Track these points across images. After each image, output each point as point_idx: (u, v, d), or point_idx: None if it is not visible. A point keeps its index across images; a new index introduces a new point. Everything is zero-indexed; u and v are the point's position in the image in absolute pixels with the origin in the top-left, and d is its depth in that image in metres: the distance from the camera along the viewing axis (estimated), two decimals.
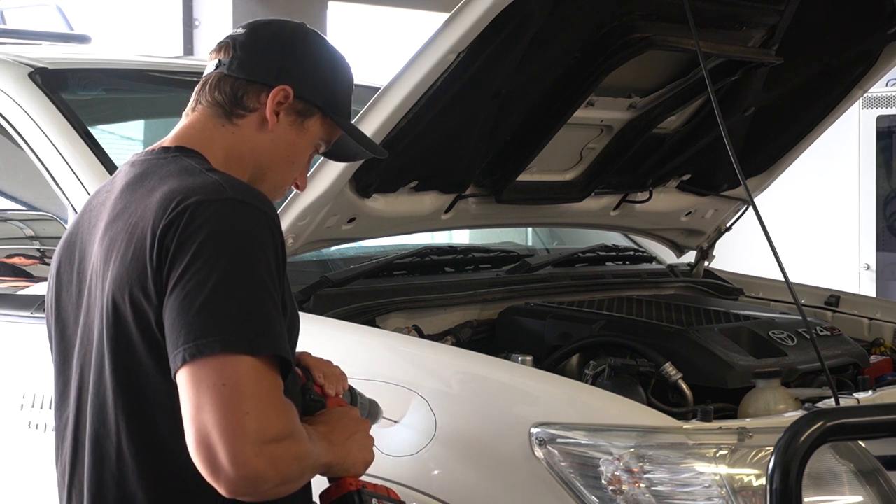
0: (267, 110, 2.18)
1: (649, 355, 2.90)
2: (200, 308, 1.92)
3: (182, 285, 1.94)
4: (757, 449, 2.37)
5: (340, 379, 2.29)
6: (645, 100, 3.44)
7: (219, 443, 1.86)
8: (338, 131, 2.28)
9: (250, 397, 1.89)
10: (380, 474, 2.48)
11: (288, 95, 2.18)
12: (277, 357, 1.94)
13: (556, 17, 2.90)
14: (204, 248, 1.95)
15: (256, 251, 1.97)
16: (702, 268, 4.11)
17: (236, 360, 1.90)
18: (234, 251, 1.95)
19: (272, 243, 2.00)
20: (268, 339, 1.93)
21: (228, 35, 2.26)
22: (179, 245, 1.96)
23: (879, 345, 3.54)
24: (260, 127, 2.19)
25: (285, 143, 2.21)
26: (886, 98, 7.66)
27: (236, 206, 1.99)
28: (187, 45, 7.91)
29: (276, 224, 2.03)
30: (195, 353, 1.90)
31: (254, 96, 2.18)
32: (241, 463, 1.85)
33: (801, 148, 3.87)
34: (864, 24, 3.49)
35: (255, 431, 1.87)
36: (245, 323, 1.92)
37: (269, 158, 2.21)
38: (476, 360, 2.67)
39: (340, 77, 2.28)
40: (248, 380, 1.90)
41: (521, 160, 3.33)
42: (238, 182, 2.07)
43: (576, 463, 2.37)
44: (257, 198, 2.03)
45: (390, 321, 3.10)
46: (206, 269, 1.93)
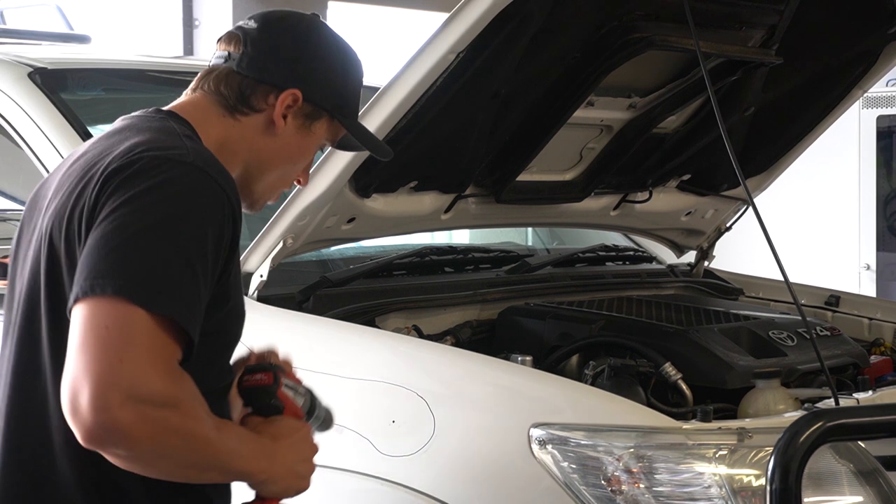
0: (275, 114, 2.13)
1: (649, 355, 2.90)
2: (111, 250, 1.83)
3: (104, 225, 1.86)
4: (757, 449, 2.37)
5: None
6: (645, 100, 3.44)
7: (84, 383, 1.75)
8: (343, 130, 2.24)
9: (131, 346, 1.78)
10: (379, 474, 2.48)
11: (297, 99, 2.13)
12: (176, 324, 1.82)
13: (556, 17, 2.90)
14: (140, 196, 1.87)
15: (195, 220, 1.88)
16: (702, 268, 4.11)
17: (127, 307, 1.79)
18: (170, 210, 1.87)
19: (219, 221, 1.91)
20: (169, 300, 1.82)
21: (239, 26, 2.19)
22: (118, 187, 1.88)
23: (879, 345, 3.54)
24: (265, 129, 2.14)
25: (290, 145, 2.16)
26: (886, 98, 7.66)
27: (194, 171, 1.92)
28: (187, 45, 7.91)
29: (231, 204, 1.94)
30: (87, 290, 1.80)
31: (262, 97, 2.13)
32: (101, 408, 1.74)
33: (801, 148, 3.87)
34: (864, 24, 3.49)
35: (125, 381, 1.75)
36: (150, 277, 1.82)
37: (271, 159, 2.16)
38: (476, 360, 2.67)
39: (351, 78, 2.24)
40: (133, 330, 1.79)
41: (521, 160, 3.33)
42: (209, 156, 1.99)
43: (575, 463, 2.37)
44: (221, 174, 1.96)
45: (390, 321, 3.10)
46: (133, 216, 1.85)
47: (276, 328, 2.86)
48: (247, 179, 2.15)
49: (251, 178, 2.15)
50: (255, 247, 2.91)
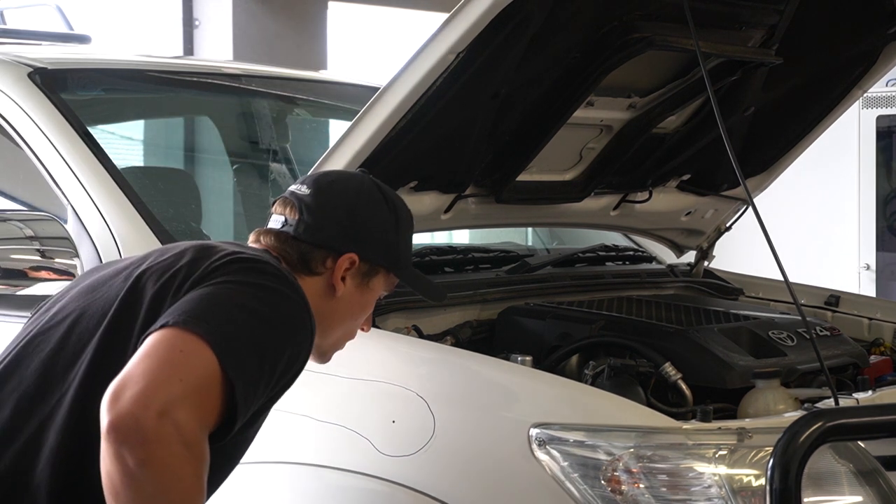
0: (334, 278, 2.24)
1: (649, 355, 2.90)
2: (215, 305, 1.94)
3: (215, 287, 1.97)
4: (756, 449, 2.37)
5: None
6: (645, 100, 3.44)
7: (139, 381, 1.82)
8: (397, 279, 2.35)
9: (191, 378, 1.86)
10: (379, 474, 2.48)
11: (354, 262, 2.24)
12: (231, 395, 1.89)
13: (556, 17, 2.90)
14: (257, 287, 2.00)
15: (285, 338, 1.99)
16: (702, 268, 4.11)
17: (206, 350, 1.88)
18: (272, 314, 1.98)
19: (296, 355, 2.02)
20: (240, 369, 1.91)
21: (292, 192, 2.30)
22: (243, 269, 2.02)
23: (879, 345, 3.54)
24: (325, 291, 2.24)
25: (351, 304, 2.27)
26: (886, 98, 7.66)
27: (302, 304, 2.05)
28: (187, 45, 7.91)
29: (308, 353, 2.07)
30: (178, 322, 1.89)
31: (320, 261, 2.24)
32: (143, 405, 1.80)
33: (801, 148, 3.87)
34: (864, 24, 3.49)
35: (173, 398, 1.82)
36: (237, 343, 1.92)
37: (334, 320, 2.27)
38: (476, 360, 2.67)
39: (403, 231, 2.34)
40: (200, 368, 1.87)
41: (521, 160, 3.33)
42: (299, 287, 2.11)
43: (575, 463, 2.37)
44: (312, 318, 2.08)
45: (390, 321, 3.09)
46: (245, 295, 1.97)
47: None
48: (316, 340, 2.21)
49: (320, 339, 2.22)
50: None
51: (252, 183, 4.16)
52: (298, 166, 4.01)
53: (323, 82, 4.59)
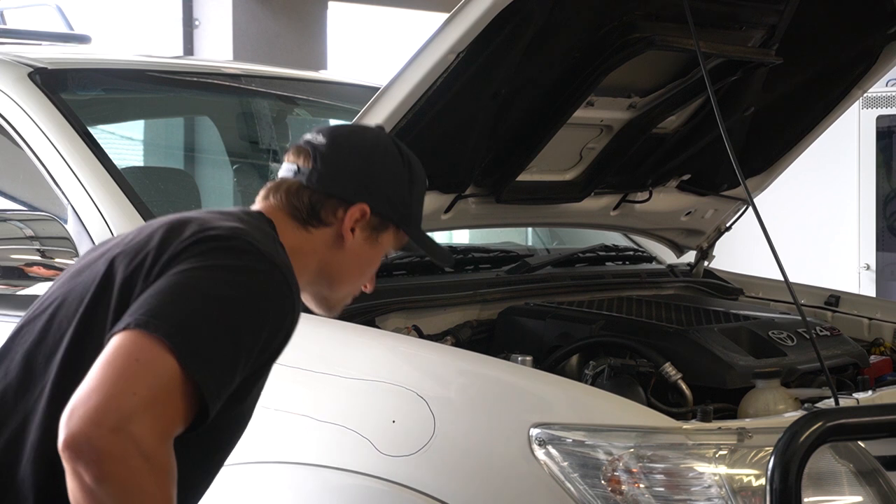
0: (344, 228, 2.21)
1: (649, 355, 2.90)
2: (179, 299, 1.89)
3: (181, 275, 1.92)
4: (756, 449, 2.37)
5: None
6: (645, 100, 3.44)
7: (94, 395, 1.78)
8: (406, 237, 2.31)
9: (146, 389, 1.81)
10: (379, 474, 2.48)
11: (365, 213, 2.21)
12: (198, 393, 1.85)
13: (556, 17, 2.90)
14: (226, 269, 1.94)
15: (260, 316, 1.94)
16: (702, 268, 4.11)
17: (166, 354, 1.83)
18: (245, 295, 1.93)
19: (277, 328, 1.97)
20: (205, 368, 1.86)
21: (308, 140, 2.27)
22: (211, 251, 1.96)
23: (879, 345, 3.54)
24: (334, 242, 2.21)
25: (358, 257, 2.24)
26: (886, 98, 7.66)
27: (279, 275, 1.99)
28: (187, 45, 7.91)
29: (293, 321, 2.02)
30: (141, 324, 1.84)
31: (331, 211, 2.20)
32: (95, 422, 1.76)
33: (801, 148, 3.87)
34: (864, 24, 3.49)
35: (126, 412, 1.78)
36: (200, 340, 1.87)
37: (340, 271, 2.24)
38: (476, 360, 2.67)
39: (416, 188, 2.31)
40: (158, 376, 1.82)
41: (521, 160, 3.33)
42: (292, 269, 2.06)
43: (575, 463, 2.37)
44: (297, 290, 2.04)
45: (390, 321, 3.09)
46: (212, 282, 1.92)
47: None
48: (319, 289, 2.24)
49: (323, 289, 2.24)
50: None
51: (252, 183, 4.15)
52: None
53: (323, 82, 4.59)
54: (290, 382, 2.71)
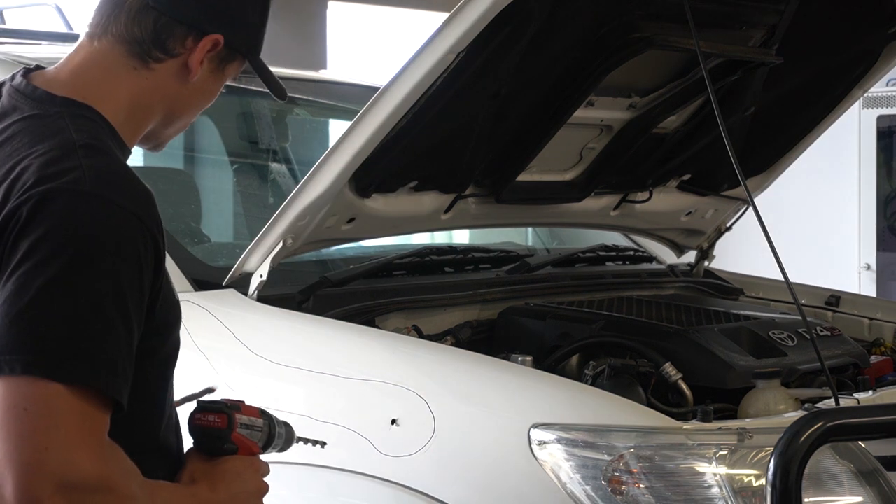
0: (192, 60, 1.92)
1: (649, 355, 2.90)
2: (15, 317, 1.64)
3: (8, 286, 1.66)
4: (757, 449, 2.37)
5: None
6: (645, 100, 3.44)
7: (8, 474, 1.59)
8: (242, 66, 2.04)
9: (55, 430, 1.61)
10: (379, 475, 2.48)
11: (218, 44, 1.93)
12: (97, 392, 1.65)
13: (556, 17, 2.90)
14: (39, 247, 1.67)
15: (103, 261, 1.69)
16: (702, 268, 4.11)
17: (44, 385, 1.62)
18: (74, 255, 1.67)
19: (134, 252, 1.72)
20: (88, 368, 1.65)
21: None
22: (17, 238, 1.69)
23: (880, 345, 3.54)
24: (178, 75, 1.93)
25: (202, 91, 1.98)
26: (886, 98, 7.66)
27: (94, 202, 1.71)
28: None
29: (145, 226, 1.75)
30: (3, 371, 1.62)
31: (179, 40, 1.91)
32: (29, 501, 1.59)
33: (802, 148, 3.87)
34: (864, 24, 3.49)
35: (54, 471, 1.60)
36: (61, 344, 1.64)
37: (184, 106, 1.98)
38: (476, 360, 2.67)
39: (265, 17, 2.05)
40: (54, 410, 1.62)
41: (521, 160, 3.33)
42: (112, 171, 1.77)
43: (575, 463, 2.37)
44: (128, 192, 1.75)
45: (390, 321, 3.09)
46: (33, 272, 1.66)
47: (276, 328, 2.86)
48: (156, 127, 1.99)
49: (161, 126, 1.99)
50: (254, 247, 2.91)
51: (252, 183, 4.15)
52: (298, 166, 4.01)
53: (323, 82, 4.59)
54: (290, 382, 2.71)
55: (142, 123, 1.94)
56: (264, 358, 2.74)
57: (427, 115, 2.83)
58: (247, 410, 1.97)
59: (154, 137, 2.01)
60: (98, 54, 1.91)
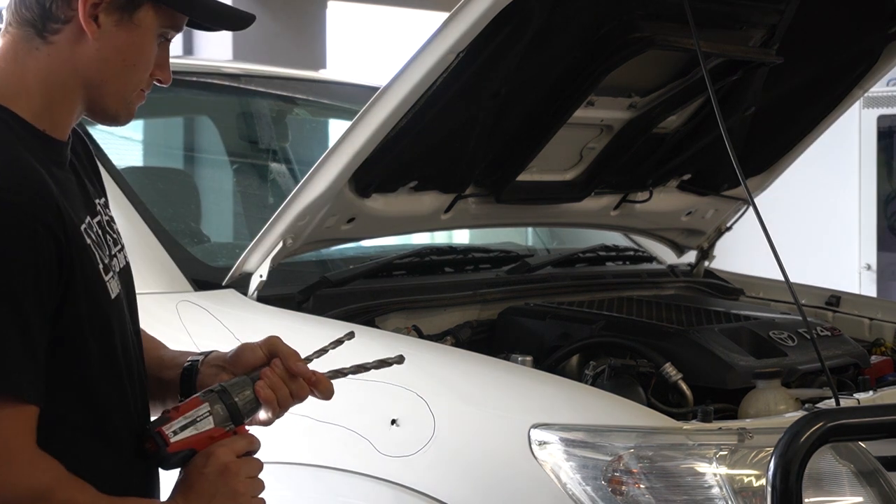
0: (81, 17, 1.82)
1: (649, 356, 2.90)
2: None
3: None
4: (757, 449, 2.37)
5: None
6: (645, 99, 3.43)
7: None
8: (176, 13, 1.91)
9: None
10: (378, 475, 2.48)
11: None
12: (19, 398, 1.61)
13: (556, 17, 2.90)
14: None
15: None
16: (702, 268, 4.11)
17: None
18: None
19: (27, 250, 1.66)
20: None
21: None
22: None
23: (880, 345, 3.54)
24: (79, 39, 1.83)
25: (115, 47, 1.85)
26: (887, 98, 7.66)
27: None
28: (187, 45, 7.91)
29: (38, 219, 1.68)
30: None
31: (64, 3, 1.82)
32: None
33: (802, 148, 3.87)
34: (864, 24, 3.49)
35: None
36: None
37: (100, 71, 1.86)
38: (476, 361, 2.67)
39: None
40: None
41: (521, 160, 3.33)
42: (25, 168, 1.72)
43: (576, 463, 2.37)
44: (17, 187, 1.69)
45: (390, 321, 3.09)
46: None
47: (276, 328, 2.86)
48: (91, 100, 1.89)
49: (94, 97, 1.89)
50: (254, 247, 2.91)
51: (252, 183, 4.15)
52: (298, 166, 4.01)
53: (323, 82, 4.59)
54: None
55: (64, 105, 1.86)
56: None
57: (427, 115, 2.83)
58: (180, 410, 1.89)
59: (100, 112, 1.92)
60: (4, 47, 1.86)
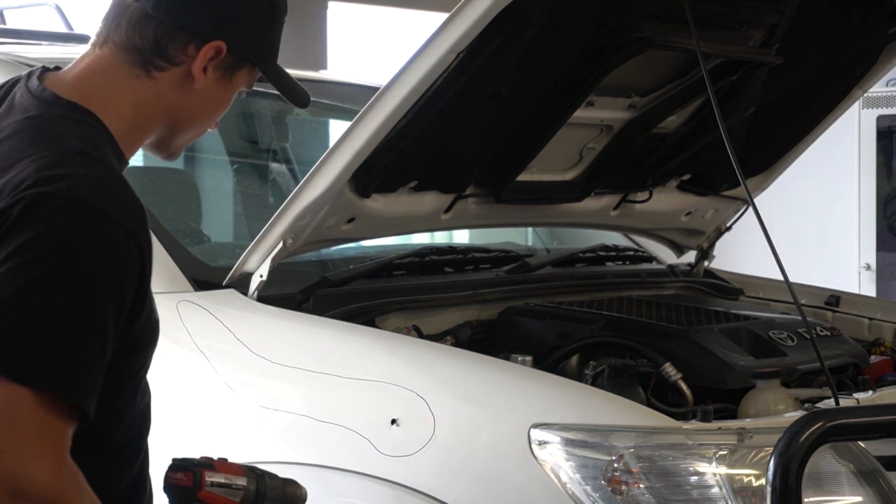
0: (195, 68, 1.89)
1: (649, 355, 2.90)
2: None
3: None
4: (757, 449, 2.37)
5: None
6: (645, 100, 3.44)
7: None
8: (258, 74, 2.02)
9: (14, 434, 1.60)
10: (379, 474, 2.48)
11: (221, 51, 1.90)
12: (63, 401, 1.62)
13: (556, 17, 2.90)
14: (22, 249, 1.65)
15: (87, 272, 1.67)
16: (702, 268, 4.11)
17: (9, 387, 1.60)
18: (55, 263, 1.65)
19: (119, 266, 1.70)
20: (56, 375, 1.62)
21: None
22: (3, 237, 1.67)
23: (880, 345, 3.54)
24: (182, 84, 1.90)
25: (209, 99, 1.95)
26: (886, 98, 7.66)
27: (85, 210, 1.69)
28: None
29: (135, 241, 1.73)
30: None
31: (180, 47, 1.88)
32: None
33: (801, 148, 3.87)
34: (864, 24, 3.49)
35: (8, 475, 1.58)
36: (33, 348, 1.62)
37: (189, 115, 1.95)
38: (476, 360, 2.67)
39: (277, 22, 2.00)
40: (17, 414, 1.60)
41: (521, 160, 3.33)
42: (108, 182, 1.76)
43: (575, 463, 2.37)
44: (120, 205, 1.74)
45: (390, 321, 3.09)
46: (13, 273, 1.63)
47: (276, 328, 2.86)
48: (165, 137, 1.97)
49: (169, 135, 1.97)
50: (254, 247, 2.91)
51: (252, 183, 4.15)
52: (298, 166, 4.01)
53: (323, 82, 4.59)
54: (290, 382, 2.71)
55: (143, 133, 1.93)
56: (264, 358, 2.74)
57: (427, 115, 2.83)
58: (224, 468, 1.92)
59: (165, 146, 2.00)
60: (101, 61, 1.90)
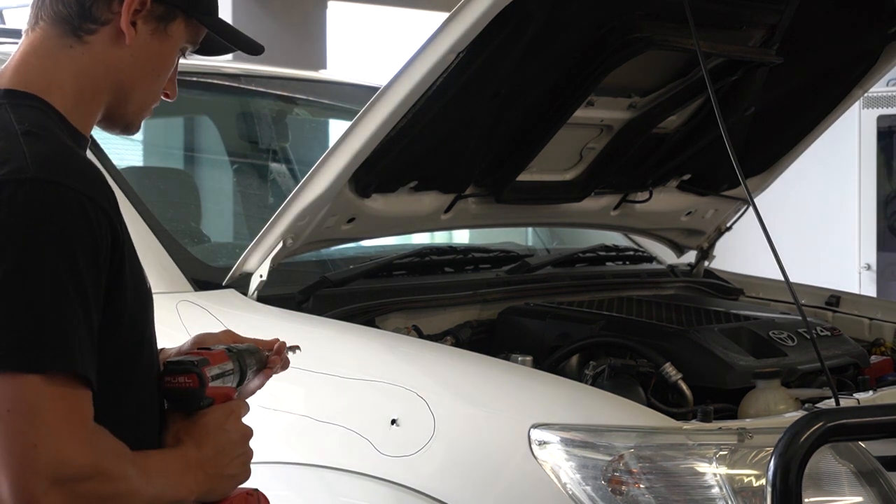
0: (122, 22, 1.85)
1: (649, 355, 2.90)
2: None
3: None
4: (757, 449, 2.37)
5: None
6: (645, 100, 3.44)
7: (3, 476, 1.60)
8: (203, 30, 1.98)
9: (41, 426, 1.61)
10: (378, 475, 2.48)
11: (145, 2, 1.86)
12: (78, 374, 1.65)
13: (556, 17, 2.90)
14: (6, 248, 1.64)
15: (56, 243, 1.66)
16: (702, 268, 4.11)
17: (19, 380, 1.61)
18: (23, 244, 1.65)
19: (88, 234, 1.69)
20: (60, 353, 1.63)
21: None
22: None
23: (880, 345, 3.54)
24: (115, 42, 1.87)
25: (147, 55, 1.90)
26: (887, 98, 7.66)
27: (39, 187, 1.68)
28: None
29: (96, 204, 1.72)
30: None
31: (104, 5, 1.85)
32: (26, 500, 1.60)
33: (802, 148, 3.87)
34: (864, 24, 3.49)
35: (46, 467, 1.60)
36: (30, 332, 1.63)
37: (131, 76, 1.90)
38: (476, 360, 2.67)
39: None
40: (36, 405, 1.61)
41: (521, 160, 3.33)
42: (55, 154, 1.74)
43: (576, 464, 2.37)
44: (73, 175, 1.72)
45: (390, 321, 3.09)
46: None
47: (276, 328, 2.86)
48: (114, 105, 1.92)
49: (119, 103, 1.93)
50: (254, 247, 2.91)
51: (252, 183, 4.15)
52: (298, 166, 4.01)
53: (323, 82, 4.59)
54: (290, 382, 2.70)
55: (92, 105, 1.89)
56: None
57: (427, 115, 2.83)
58: (215, 359, 1.93)
59: (119, 117, 1.96)
60: (35, 42, 1.89)
